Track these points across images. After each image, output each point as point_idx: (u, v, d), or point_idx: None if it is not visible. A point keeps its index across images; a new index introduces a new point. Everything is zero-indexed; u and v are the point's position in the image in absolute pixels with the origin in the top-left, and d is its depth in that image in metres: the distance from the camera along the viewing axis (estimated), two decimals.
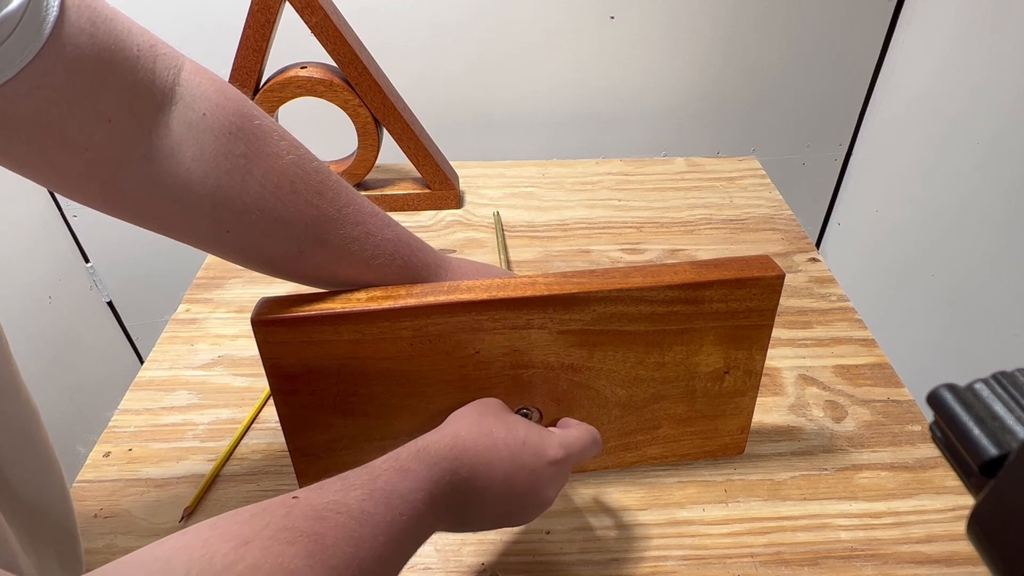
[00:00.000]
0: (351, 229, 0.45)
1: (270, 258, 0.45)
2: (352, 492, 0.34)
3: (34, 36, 0.32)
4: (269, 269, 0.46)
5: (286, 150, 0.43)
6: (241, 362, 0.67)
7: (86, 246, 1.10)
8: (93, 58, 0.34)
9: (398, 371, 0.47)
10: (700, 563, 0.51)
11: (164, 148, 0.38)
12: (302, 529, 0.30)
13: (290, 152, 0.43)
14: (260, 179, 0.41)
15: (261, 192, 0.41)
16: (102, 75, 0.35)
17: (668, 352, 0.50)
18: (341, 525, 0.32)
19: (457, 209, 0.88)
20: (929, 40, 0.99)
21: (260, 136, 0.41)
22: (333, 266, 0.46)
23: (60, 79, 0.33)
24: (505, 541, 0.52)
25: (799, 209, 0.94)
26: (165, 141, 0.38)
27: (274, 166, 0.42)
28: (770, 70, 1.05)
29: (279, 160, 0.42)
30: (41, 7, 0.32)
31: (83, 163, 0.36)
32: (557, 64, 1.02)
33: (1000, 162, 0.88)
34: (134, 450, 0.59)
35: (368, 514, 0.33)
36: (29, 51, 0.32)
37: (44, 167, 0.37)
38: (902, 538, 0.53)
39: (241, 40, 0.75)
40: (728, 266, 0.48)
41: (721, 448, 0.57)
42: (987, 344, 0.93)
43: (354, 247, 0.46)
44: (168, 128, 0.38)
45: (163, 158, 0.38)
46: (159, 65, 0.37)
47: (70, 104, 0.34)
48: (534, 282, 0.46)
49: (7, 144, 0.35)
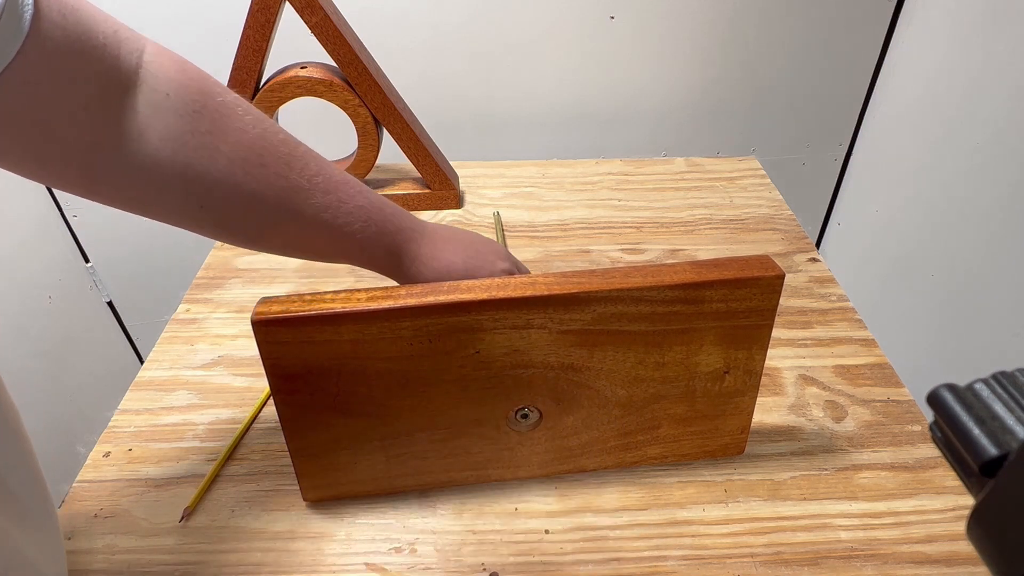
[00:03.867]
0: (322, 198, 0.47)
1: (246, 231, 0.46)
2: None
3: (14, 34, 0.33)
4: (246, 242, 0.48)
5: (252, 124, 0.43)
6: (241, 362, 0.67)
7: (86, 246, 1.10)
8: (67, 51, 0.35)
9: (398, 371, 0.47)
10: (700, 563, 0.51)
11: (132, 130, 0.39)
12: None
13: (256, 126, 0.44)
14: (228, 154, 0.42)
15: (230, 167, 0.42)
16: (76, 66, 0.36)
17: (668, 352, 0.50)
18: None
19: (457, 209, 0.88)
20: (929, 40, 0.99)
21: (224, 112, 0.42)
22: (308, 235, 0.47)
23: (40, 74, 0.34)
24: (505, 541, 0.52)
25: (799, 209, 0.94)
26: (133, 124, 0.39)
27: (241, 140, 0.43)
28: (770, 70, 1.05)
29: (245, 134, 0.43)
30: (18, 4, 0.32)
31: (60, 151, 0.38)
32: (557, 64, 1.02)
33: (1000, 162, 0.88)
34: (134, 450, 0.59)
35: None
36: (10, 50, 0.33)
37: (26, 159, 0.38)
38: (902, 538, 0.53)
39: (241, 40, 0.75)
40: (728, 266, 0.48)
41: (721, 448, 0.57)
42: (987, 344, 0.93)
43: (326, 215, 0.47)
44: (135, 111, 0.39)
45: (132, 140, 0.39)
46: (123, 50, 0.38)
47: (49, 97, 0.35)
48: (534, 282, 0.46)
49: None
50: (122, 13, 0.92)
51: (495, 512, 0.54)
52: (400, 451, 0.52)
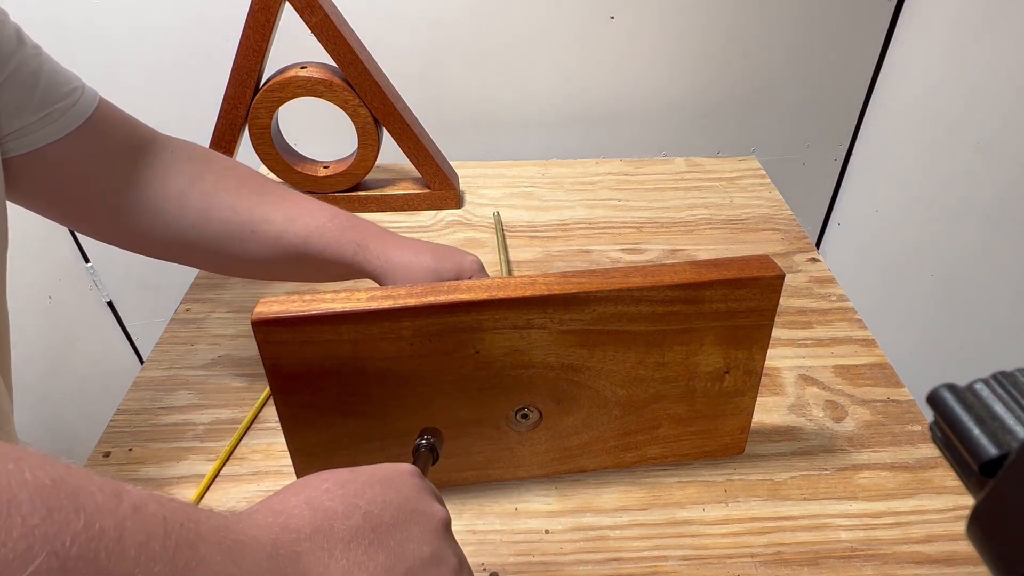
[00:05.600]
0: (290, 207, 0.57)
1: (220, 248, 0.56)
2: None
3: (91, 102, 0.51)
4: (219, 264, 0.59)
5: (232, 166, 0.58)
6: (241, 362, 0.67)
7: (86, 246, 1.10)
8: (113, 119, 0.53)
9: (398, 371, 0.47)
10: (700, 563, 0.51)
11: (148, 176, 0.55)
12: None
13: (234, 167, 0.58)
14: (211, 183, 0.56)
15: (214, 188, 0.56)
16: (115, 131, 0.53)
17: (668, 352, 0.50)
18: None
19: (457, 209, 0.88)
20: (929, 40, 0.99)
21: (211, 159, 0.58)
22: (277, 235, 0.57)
23: (96, 137, 0.51)
24: (505, 541, 0.52)
25: (799, 209, 0.94)
26: (149, 170, 0.55)
27: (221, 174, 0.57)
28: (770, 70, 1.05)
29: (225, 171, 0.57)
30: (88, 98, 0.51)
31: (93, 196, 0.53)
32: (557, 64, 1.02)
33: (1000, 162, 0.88)
34: (134, 450, 0.59)
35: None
36: (85, 113, 0.50)
37: (64, 203, 0.53)
38: (902, 538, 0.53)
39: (241, 40, 0.75)
40: (728, 266, 0.47)
41: (721, 448, 0.57)
42: (987, 344, 0.93)
43: (297, 218, 0.57)
44: (150, 164, 0.55)
45: (149, 179, 0.55)
46: (139, 123, 0.56)
47: (97, 156, 0.52)
48: (534, 282, 0.46)
49: (48, 190, 0.51)
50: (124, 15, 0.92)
51: (495, 512, 0.54)
52: (400, 451, 0.52)
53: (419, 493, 0.35)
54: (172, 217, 0.54)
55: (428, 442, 0.45)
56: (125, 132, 0.54)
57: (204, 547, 0.25)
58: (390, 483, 0.34)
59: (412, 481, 0.36)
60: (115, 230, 0.55)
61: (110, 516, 0.22)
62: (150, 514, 0.24)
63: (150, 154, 0.54)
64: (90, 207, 0.53)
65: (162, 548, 0.23)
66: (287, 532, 0.30)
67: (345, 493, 0.32)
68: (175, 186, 0.54)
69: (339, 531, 0.31)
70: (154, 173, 0.54)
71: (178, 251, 0.57)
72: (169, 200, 0.54)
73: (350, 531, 0.31)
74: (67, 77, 0.50)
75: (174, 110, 0.93)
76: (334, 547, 0.30)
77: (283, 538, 0.29)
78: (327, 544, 0.30)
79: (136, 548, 0.22)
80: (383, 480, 0.34)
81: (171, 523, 0.24)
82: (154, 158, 0.55)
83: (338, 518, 0.31)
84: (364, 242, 0.56)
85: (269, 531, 0.29)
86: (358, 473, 0.34)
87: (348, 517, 0.31)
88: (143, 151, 0.54)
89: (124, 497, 0.23)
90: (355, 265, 0.56)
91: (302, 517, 0.31)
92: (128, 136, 0.54)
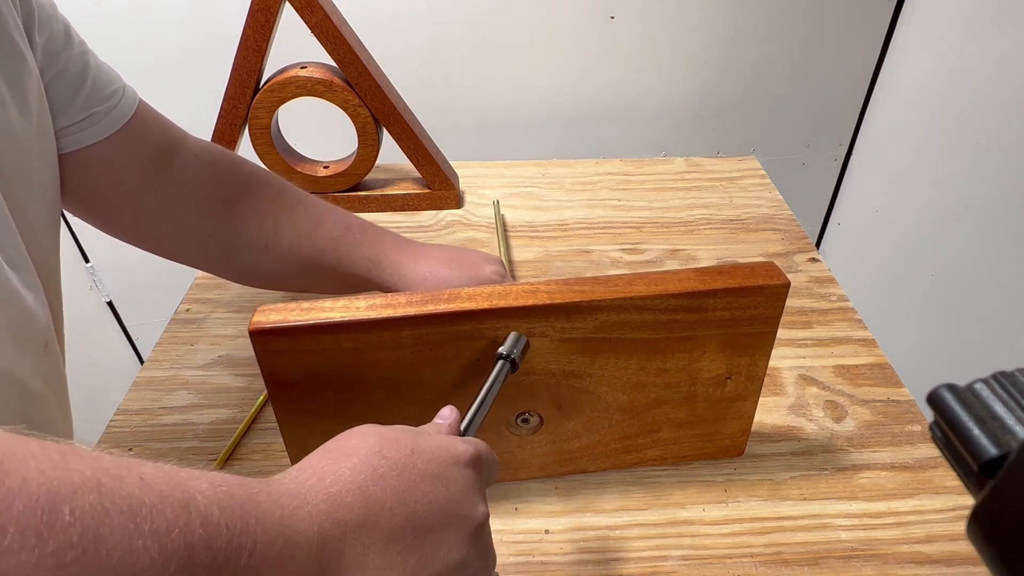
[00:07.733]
0: (303, 218, 0.58)
1: (239, 260, 0.57)
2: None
3: (131, 104, 0.51)
4: (232, 274, 0.60)
5: (252, 174, 0.58)
6: (241, 362, 0.67)
7: (86, 246, 1.10)
8: (149, 121, 0.53)
9: (398, 379, 0.47)
10: (700, 563, 0.51)
11: (173, 176, 0.55)
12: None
13: (254, 175, 0.58)
14: (231, 191, 0.56)
15: (234, 197, 0.56)
16: (150, 133, 0.54)
17: (670, 359, 0.49)
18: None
19: (457, 209, 0.88)
20: (929, 40, 0.99)
21: (234, 167, 0.58)
22: (292, 246, 0.57)
23: (133, 141, 0.51)
24: (505, 541, 0.52)
25: (799, 209, 0.94)
26: (173, 176, 0.55)
27: (245, 182, 0.57)
28: (770, 70, 1.05)
29: (248, 178, 0.57)
30: (129, 99, 0.52)
31: (122, 198, 0.53)
32: (557, 64, 1.02)
33: (1000, 162, 0.88)
34: (134, 450, 0.59)
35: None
36: (126, 115, 0.51)
37: (95, 203, 0.53)
38: (902, 538, 0.53)
39: (241, 40, 0.75)
40: (733, 273, 0.47)
41: (721, 450, 0.57)
42: (987, 344, 0.93)
43: (306, 231, 0.57)
44: (176, 170, 0.55)
45: (172, 183, 0.55)
46: (171, 125, 0.56)
47: (132, 160, 0.52)
48: (536, 290, 0.45)
49: (82, 191, 0.51)
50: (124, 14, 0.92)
51: (495, 512, 0.54)
52: None
53: (467, 493, 0.34)
54: (189, 225, 0.55)
55: (510, 356, 0.42)
56: (158, 135, 0.54)
57: (258, 557, 0.26)
58: (441, 479, 0.34)
59: (465, 475, 0.35)
60: (136, 232, 0.56)
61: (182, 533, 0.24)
62: (213, 524, 0.25)
63: (178, 160, 0.55)
64: (116, 209, 0.54)
65: (224, 560, 0.25)
66: (336, 526, 0.30)
67: (399, 486, 0.32)
68: (195, 194, 0.55)
69: (383, 528, 0.31)
70: (176, 179, 0.55)
71: (191, 256, 0.58)
72: (188, 209, 0.55)
73: (392, 530, 0.31)
74: (111, 77, 0.50)
75: (174, 110, 0.92)
76: (374, 543, 0.31)
77: (330, 533, 0.30)
78: (369, 539, 0.30)
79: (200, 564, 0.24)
80: (436, 475, 0.34)
81: (232, 530, 0.25)
82: (181, 165, 0.55)
83: (385, 513, 0.31)
84: (378, 258, 0.56)
85: (318, 523, 0.29)
86: (416, 457, 0.33)
87: (394, 514, 0.31)
88: (172, 155, 0.55)
89: (192, 507, 0.24)
90: (369, 281, 0.57)
91: (352, 507, 0.31)
92: (160, 139, 0.54)
